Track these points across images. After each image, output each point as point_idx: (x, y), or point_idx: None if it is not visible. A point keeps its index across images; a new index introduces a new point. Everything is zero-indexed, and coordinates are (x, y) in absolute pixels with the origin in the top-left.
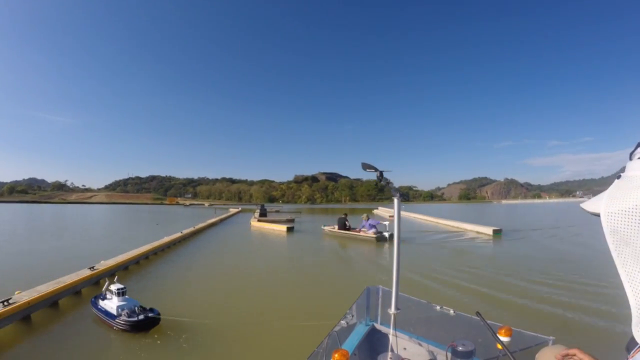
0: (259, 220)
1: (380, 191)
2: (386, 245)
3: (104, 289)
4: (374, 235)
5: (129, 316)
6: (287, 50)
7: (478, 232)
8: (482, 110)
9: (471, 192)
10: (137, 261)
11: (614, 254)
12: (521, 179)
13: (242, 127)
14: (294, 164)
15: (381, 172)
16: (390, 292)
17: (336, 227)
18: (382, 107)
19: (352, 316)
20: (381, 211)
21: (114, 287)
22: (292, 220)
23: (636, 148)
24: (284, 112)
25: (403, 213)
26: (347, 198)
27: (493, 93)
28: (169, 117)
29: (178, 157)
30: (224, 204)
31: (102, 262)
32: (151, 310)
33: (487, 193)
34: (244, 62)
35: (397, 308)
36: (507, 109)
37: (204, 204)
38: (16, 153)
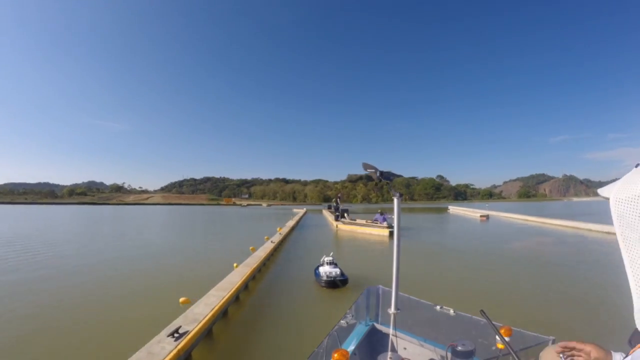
0: (344, 223)
1: (438, 190)
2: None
3: (321, 260)
4: (387, 226)
5: (327, 277)
6: (339, 52)
7: (609, 233)
8: (536, 103)
9: (530, 190)
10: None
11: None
12: (580, 174)
13: (294, 129)
14: (346, 163)
15: (381, 172)
16: (390, 292)
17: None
18: (435, 104)
19: (352, 316)
20: (460, 210)
21: (327, 259)
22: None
23: None
24: (335, 111)
25: (495, 213)
26: (406, 197)
27: (546, 84)
28: (222, 121)
29: (231, 159)
30: (281, 204)
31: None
32: (343, 275)
33: (545, 190)
34: (296, 65)
35: (397, 308)
36: (561, 100)
37: (261, 204)
38: (77, 158)
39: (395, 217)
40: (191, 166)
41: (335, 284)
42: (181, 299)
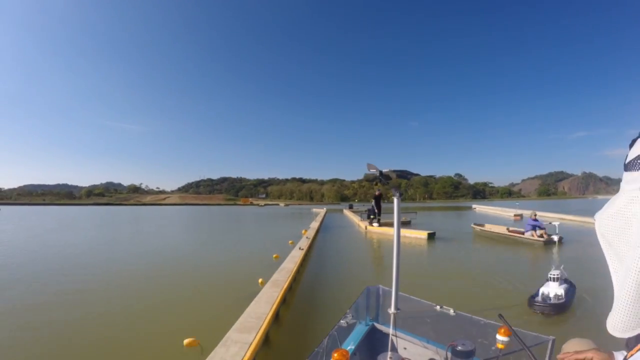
0: (372, 223)
1: (456, 188)
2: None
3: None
4: (541, 239)
5: (544, 301)
6: (348, 47)
7: None
8: (551, 99)
9: (550, 188)
10: None
11: (605, 254)
12: (600, 172)
13: (309, 129)
14: (362, 162)
15: (381, 172)
16: (390, 292)
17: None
18: (448, 103)
19: (352, 316)
20: (488, 209)
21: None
22: (408, 223)
23: (626, 160)
24: (349, 112)
25: (528, 212)
26: (425, 195)
27: (562, 78)
28: (238, 121)
29: (248, 159)
30: (299, 204)
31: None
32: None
33: (564, 188)
34: (306, 67)
35: (397, 308)
36: (577, 96)
37: (279, 204)
38: (95, 159)
39: (395, 217)
40: (208, 166)
41: (551, 309)
42: (186, 341)
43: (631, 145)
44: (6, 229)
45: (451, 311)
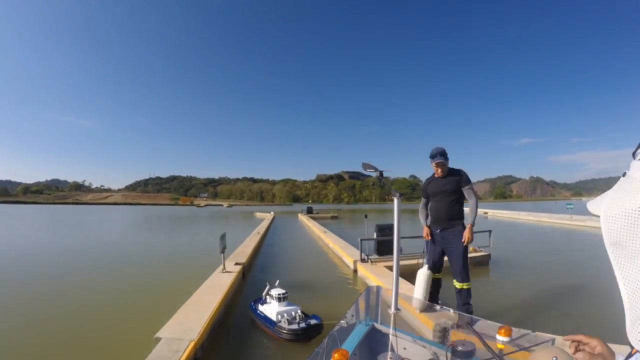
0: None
1: (413, 190)
2: None
3: (264, 293)
4: None
5: (289, 323)
6: (303, 54)
7: None
8: (500, 106)
9: (505, 191)
10: None
11: (610, 256)
12: (546, 176)
13: (262, 129)
14: (315, 163)
15: (381, 172)
16: (390, 292)
17: None
18: (402, 108)
19: (352, 316)
20: (505, 214)
21: (275, 292)
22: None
23: (638, 148)
24: (303, 115)
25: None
26: (386, 197)
27: (508, 88)
28: (190, 120)
29: (199, 158)
30: (246, 204)
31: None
32: (313, 317)
33: (513, 191)
34: (262, 68)
35: (397, 308)
36: (522, 104)
37: (222, 204)
38: (40, 155)
39: (395, 217)
40: (158, 164)
41: (305, 333)
42: None
43: None
44: None
45: (451, 311)
